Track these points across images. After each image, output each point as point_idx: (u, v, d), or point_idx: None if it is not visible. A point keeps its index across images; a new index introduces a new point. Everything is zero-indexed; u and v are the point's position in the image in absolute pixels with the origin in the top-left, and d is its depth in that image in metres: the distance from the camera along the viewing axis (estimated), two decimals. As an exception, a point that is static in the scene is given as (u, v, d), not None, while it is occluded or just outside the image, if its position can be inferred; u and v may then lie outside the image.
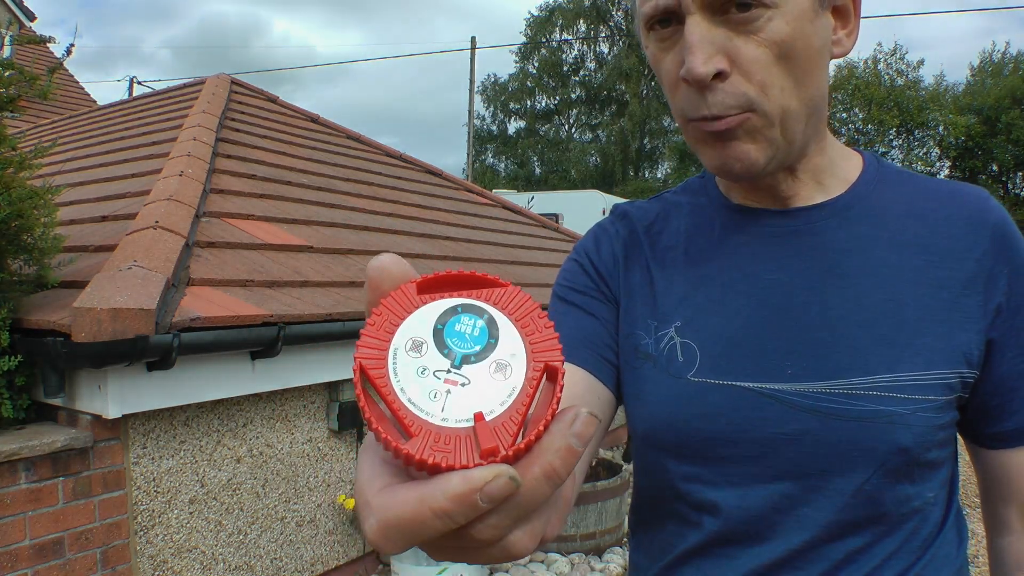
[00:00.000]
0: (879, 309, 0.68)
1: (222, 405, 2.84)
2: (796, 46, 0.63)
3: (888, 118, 20.21)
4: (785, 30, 0.62)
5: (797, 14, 0.63)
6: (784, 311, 0.70)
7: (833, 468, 0.67)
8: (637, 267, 0.79)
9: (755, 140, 0.66)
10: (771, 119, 0.65)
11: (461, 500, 0.28)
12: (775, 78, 0.63)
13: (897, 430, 0.65)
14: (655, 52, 0.68)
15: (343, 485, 3.41)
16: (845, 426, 0.66)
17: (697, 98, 0.64)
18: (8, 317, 2.30)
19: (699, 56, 0.61)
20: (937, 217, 0.72)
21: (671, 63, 0.66)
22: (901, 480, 0.67)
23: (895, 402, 0.66)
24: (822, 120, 0.71)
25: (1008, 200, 20.41)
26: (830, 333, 0.69)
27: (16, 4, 10.24)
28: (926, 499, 0.69)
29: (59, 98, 7.37)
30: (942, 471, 0.70)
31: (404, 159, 6.94)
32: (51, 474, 2.31)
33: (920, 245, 0.70)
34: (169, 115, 5.40)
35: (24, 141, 3.27)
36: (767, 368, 0.69)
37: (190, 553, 2.73)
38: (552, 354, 0.31)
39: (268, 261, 3.22)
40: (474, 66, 21.10)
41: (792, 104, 0.65)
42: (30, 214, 2.44)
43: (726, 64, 0.62)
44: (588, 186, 25.42)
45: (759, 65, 0.63)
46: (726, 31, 0.63)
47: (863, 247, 0.71)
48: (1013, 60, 21.41)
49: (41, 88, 2.66)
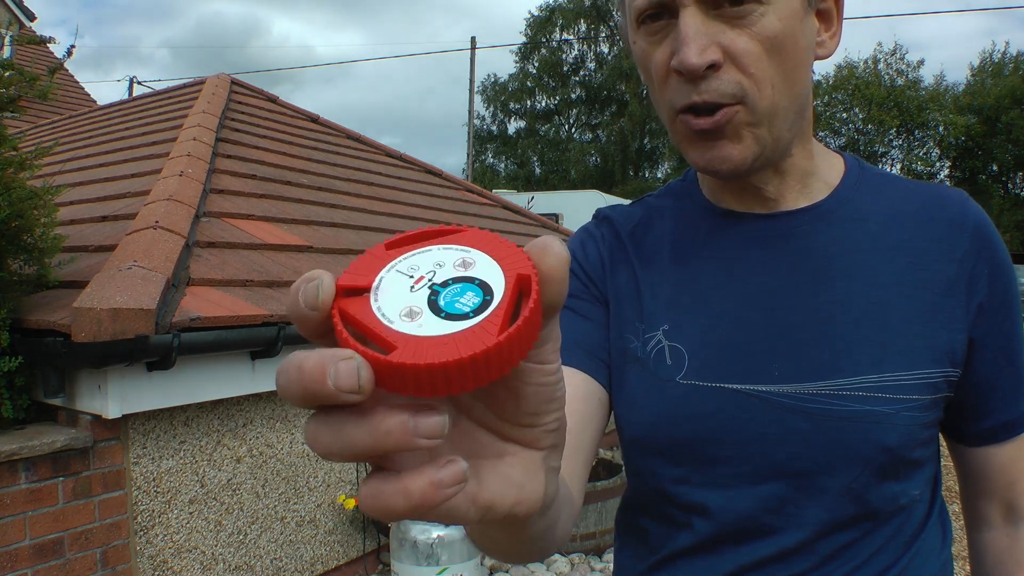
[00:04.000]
0: (864, 311, 0.69)
1: (222, 405, 2.84)
2: (786, 42, 0.65)
3: (888, 118, 20.23)
4: (777, 26, 0.64)
5: (788, 12, 0.65)
6: (770, 313, 0.71)
7: (821, 468, 0.68)
8: (622, 270, 0.79)
9: (741, 139, 0.67)
10: (759, 114, 0.66)
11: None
12: (766, 72, 0.65)
13: (883, 429, 0.66)
14: (644, 46, 0.69)
15: (343, 485, 3.41)
16: (832, 426, 0.67)
17: (688, 87, 0.65)
18: (8, 317, 2.30)
19: (694, 47, 0.63)
20: (919, 220, 0.73)
21: (661, 55, 0.67)
22: (887, 478, 0.68)
23: (880, 402, 0.67)
24: (807, 120, 0.73)
25: (1008, 200, 20.41)
26: (816, 335, 0.69)
27: (16, 4, 10.24)
28: (912, 496, 0.71)
29: (59, 98, 7.37)
30: (926, 469, 0.72)
31: (404, 159, 6.94)
32: (51, 474, 2.31)
33: (903, 248, 0.72)
34: (169, 115, 5.40)
35: (24, 141, 3.27)
36: (754, 370, 0.70)
37: (190, 553, 2.73)
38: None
39: (268, 261, 3.22)
40: (474, 66, 21.10)
41: (781, 100, 0.66)
42: (30, 214, 2.44)
43: (720, 55, 0.64)
44: (588, 186, 25.41)
45: (752, 58, 0.64)
46: (720, 24, 0.64)
47: (847, 250, 0.72)
48: (1013, 60, 21.42)
49: (41, 88, 2.66)
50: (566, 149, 31.73)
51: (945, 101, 20.63)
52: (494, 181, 30.52)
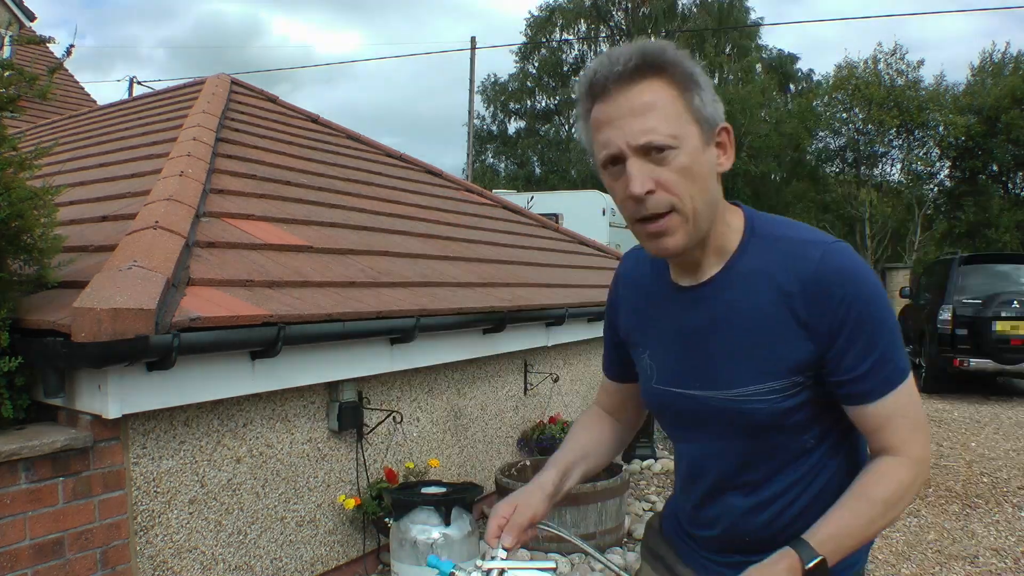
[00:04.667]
0: (739, 345, 1.13)
1: (222, 405, 2.84)
2: (694, 169, 1.06)
3: (888, 118, 20.18)
4: (686, 160, 1.05)
5: (692, 150, 1.06)
6: (691, 348, 1.19)
7: (728, 432, 1.17)
8: (632, 309, 1.34)
9: (676, 233, 1.08)
10: (686, 216, 1.07)
11: None
12: (686, 190, 1.05)
13: (755, 414, 1.13)
14: (609, 181, 1.11)
15: (343, 485, 3.41)
16: (728, 412, 1.15)
17: (639, 206, 1.06)
18: (8, 317, 2.30)
19: (637, 182, 1.04)
20: (782, 276, 1.11)
21: (620, 186, 1.08)
22: (772, 435, 1.15)
23: (749, 401, 1.13)
24: (719, 212, 1.13)
25: (1008, 200, 20.38)
26: (711, 362, 1.16)
27: (16, 4, 10.24)
28: (804, 443, 1.16)
29: (59, 98, 7.37)
30: (813, 428, 1.15)
31: (404, 159, 6.94)
32: (51, 474, 2.30)
33: (770, 298, 1.11)
34: (169, 115, 5.40)
35: (24, 141, 3.26)
36: (686, 382, 1.20)
37: (190, 553, 2.73)
38: None
39: (268, 261, 3.22)
40: (474, 66, 21.11)
41: (698, 205, 1.07)
42: (30, 214, 2.44)
43: (653, 185, 1.04)
44: (588, 186, 25.33)
45: (673, 182, 1.05)
46: (651, 165, 1.04)
47: (732, 307, 1.14)
48: (1013, 60, 21.35)
49: (41, 88, 2.66)
50: (566, 149, 31.66)
51: (945, 101, 20.55)
52: (494, 181, 30.47)
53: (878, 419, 1.10)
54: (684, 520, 1.31)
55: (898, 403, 1.10)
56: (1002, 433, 6.98)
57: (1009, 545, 4.16)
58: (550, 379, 5.13)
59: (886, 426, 1.10)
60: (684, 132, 1.05)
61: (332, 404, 3.31)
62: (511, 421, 4.76)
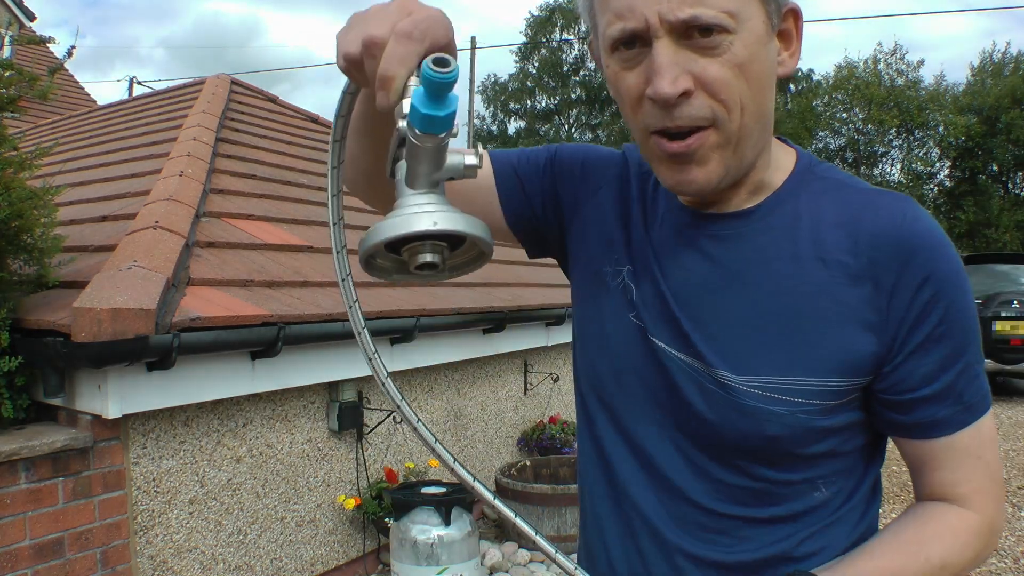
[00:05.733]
0: (772, 317, 0.75)
1: (222, 405, 2.84)
2: (753, 67, 0.69)
3: (888, 118, 20.22)
4: (744, 53, 0.68)
5: (753, 38, 0.69)
6: (686, 306, 0.79)
7: (707, 445, 0.79)
8: (621, 214, 0.90)
9: (707, 163, 0.71)
10: (729, 137, 0.70)
11: None
12: (736, 96, 0.69)
13: (770, 423, 0.74)
14: (617, 71, 0.72)
15: (343, 485, 3.41)
16: (727, 411, 0.75)
17: (662, 113, 0.69)
18: (8, 317, 2.30)
19: (667, 77, 0.67)
20: (846, 231, 0.75)
21: (635, 80, 0.70)
22: (772, 467, 0.76)
23: (771, 400, 0.73)
24: (769, 133, 0.77)
25: (1008, 200, 20.39)
26: (722, 331, 0.77)
27: (16, 4, 10.24)
28: (810, 495, 0.77)
29: (59, 98, 7.36)
30: (835, 475, 0.77)
31: (404, 159, 6.93)
32: (51, 474, 2.31)
33: (823, 258, 0.74)
34: (169, 115, 5.40)
35: (24, 141, 3.26)
36: (688, 347, 0.78)
37: (190, 553, 2.73)
38: None
39: (268, 261, 3.22)
40: (474, 66, 21.12)
41: (749, 121, 0.71)
42: (30, 214, 2.44)
43: (691, 83, 0.68)
44: (588, 186, 25.34)
45: (722, 84, 0.68)
46: (690, 53, 0.67)
47: (768, 258, 0.76)
48: (1013, 60, 21.38)
49: (41, 88, 2.66)
50: (566, 149, 31.68)
51: (945, 101, 20.60)
52: (494, 181, 30.43)
53: (947, 459, 0.77)
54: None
55: (979, 440, 0.77)
56: (1002, 433, 6.98)
57: (1009, 545, 4.16)
58: (550, 379, 5.13)
59: (957, 468, 0.77)
60: (745, 10, 0.68)
61: (332, 404, 3.31)
62: (511, 421, 4.76)
